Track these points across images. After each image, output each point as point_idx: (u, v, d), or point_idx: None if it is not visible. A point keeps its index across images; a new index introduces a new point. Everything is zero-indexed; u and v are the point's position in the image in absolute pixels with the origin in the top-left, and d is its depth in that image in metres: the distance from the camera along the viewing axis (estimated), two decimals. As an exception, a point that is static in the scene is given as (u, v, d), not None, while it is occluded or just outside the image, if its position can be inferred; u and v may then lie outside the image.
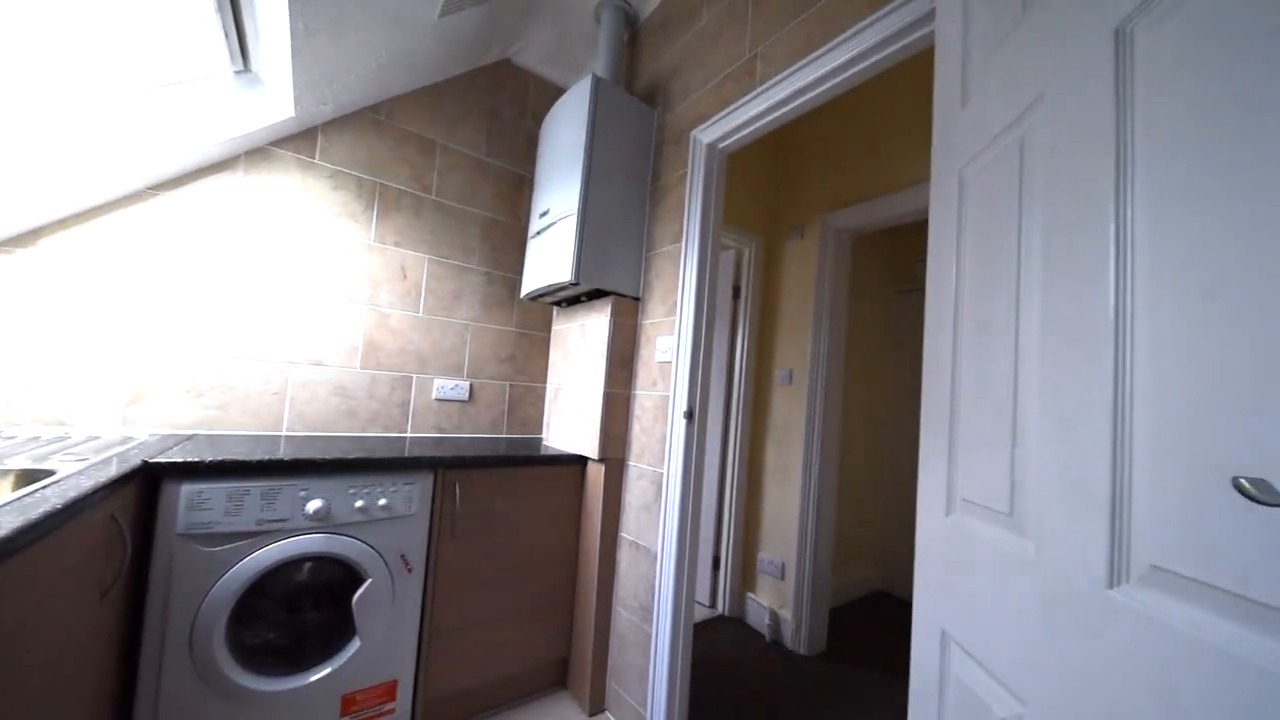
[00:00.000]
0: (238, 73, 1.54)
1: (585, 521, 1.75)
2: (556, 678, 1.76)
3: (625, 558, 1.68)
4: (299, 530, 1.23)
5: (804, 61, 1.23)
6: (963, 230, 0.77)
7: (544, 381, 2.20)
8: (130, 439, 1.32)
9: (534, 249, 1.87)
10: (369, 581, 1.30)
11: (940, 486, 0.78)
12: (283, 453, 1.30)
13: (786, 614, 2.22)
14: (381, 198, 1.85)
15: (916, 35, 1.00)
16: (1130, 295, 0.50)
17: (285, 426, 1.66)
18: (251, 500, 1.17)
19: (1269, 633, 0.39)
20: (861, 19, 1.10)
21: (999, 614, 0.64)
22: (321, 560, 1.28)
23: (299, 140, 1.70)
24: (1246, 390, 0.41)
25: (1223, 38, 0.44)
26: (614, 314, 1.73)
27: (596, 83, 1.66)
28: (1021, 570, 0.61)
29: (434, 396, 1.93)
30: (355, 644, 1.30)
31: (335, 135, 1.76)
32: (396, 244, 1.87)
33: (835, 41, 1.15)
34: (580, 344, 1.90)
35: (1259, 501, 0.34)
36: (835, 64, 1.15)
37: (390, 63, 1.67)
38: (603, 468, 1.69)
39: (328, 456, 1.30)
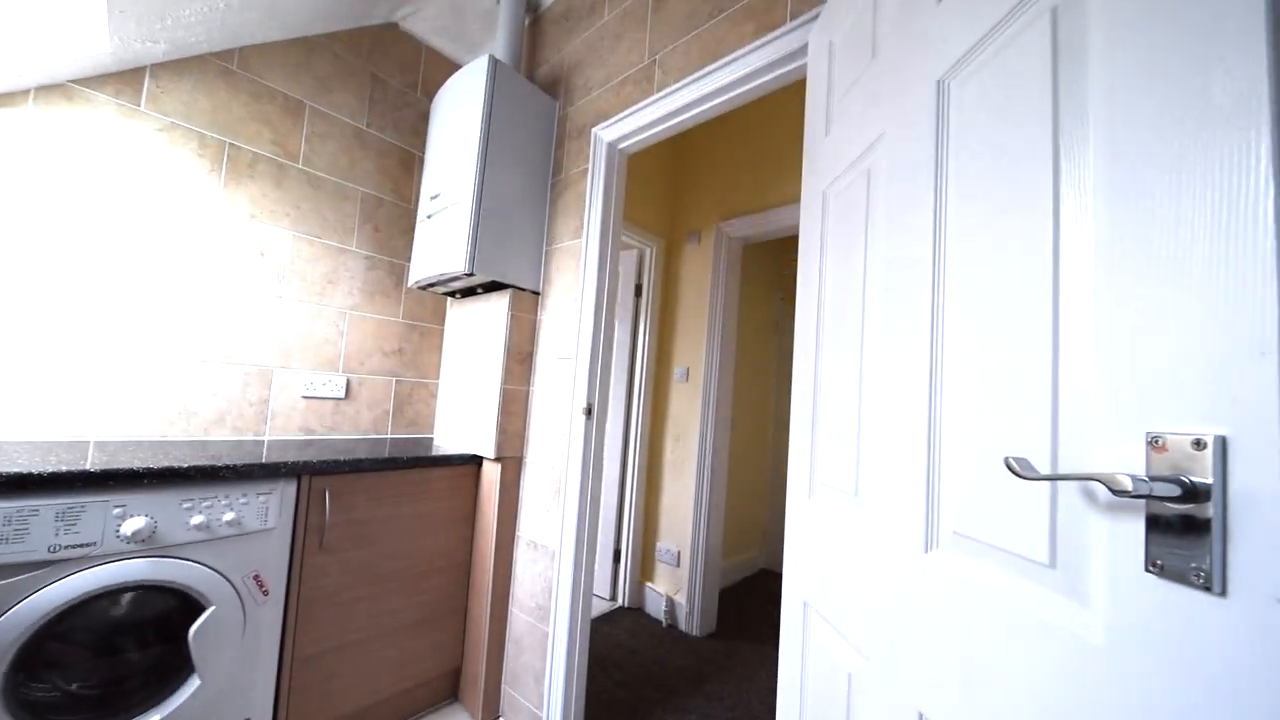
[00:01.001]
0: (22, -14, 1.22)
1: (480, 523, 1.67)
2: (448, 690, 1.67)
3: (522, 558, 1.64)
4: (112, 555, 1.02)
5: (698, 74, 1.28)
6: (825, 244, 0.86)
7: (436, 377, 2.06)
8: None
9: (424, 234, 1.74)
10: (210, 610, 1.12)
11: (804, 471, 0.87)
12: (90, 462, 1.07)
13: (681, 599, 2.33)
14: (232, 161, 1.58)
15: (794, 65, 1.09)
16: (943, 305, 0.60)
17: (94, 430, 1.36)
18: (41, 522, 0.95)
19: (1030, 579, 0.49)
20: (747, 43, 1.18)
21: (847, 583, 0.74)
22: (146, 590, 1.07)
23: (119, 82, 1.39)
24: (1012, 383, 0.51)
25: (1009, 96, 0.55)
26: (512, 308, 1.67)
27: (494, 64, 1.58)
28: (863, 542, 0.70)
29: (301, 394, 1.71)
30: (193, 683, 1.11)
31: (170, 81, 1.47)
32: (252, 217, 1.62)
33: (725, 60, 1.22)
34: (476, 338, 1.81)
35: (1021, 476, 0.43)
36: (726, 81, 1.22)
37: (242, 4, 1.44)
38: (499, 467, 1.63)
39: (152, 465, 1.09)
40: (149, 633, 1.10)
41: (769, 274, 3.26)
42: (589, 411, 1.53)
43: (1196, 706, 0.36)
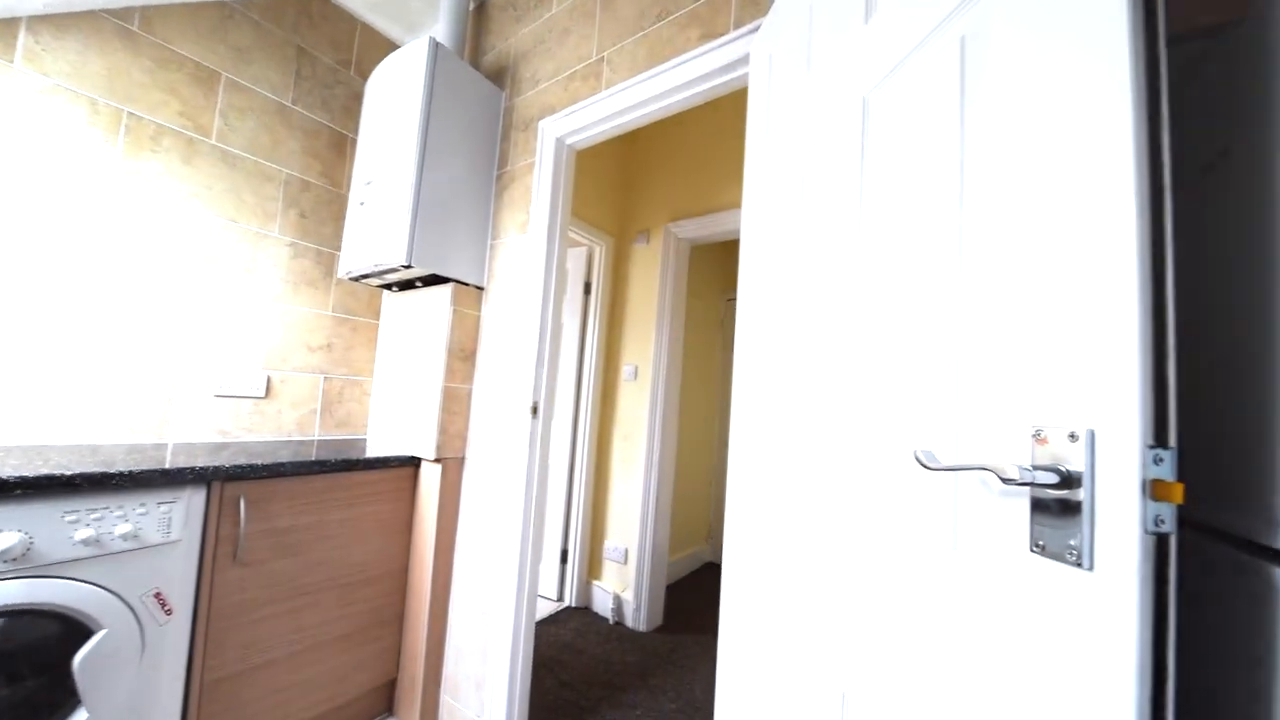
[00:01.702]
0: None
1: (418, 528, 1.60)
2: (382, 705, 1.59)
3: (463, 562, 1.58)
4: (-27, 579, 0.88)
5: (646, 75, 1.29)
6: (765, 248, 0.89)
7: (370, 374, 1.95)
8: None
9: (357, 223, 1.63)
10: (101, 634, 1.00)
11: (744, 467, 0.90)
12: (-57, 473, 0.92)
13: (629, 596, 2.35)
14: (131, 133, 1.42)
15: (737, 74, 1.12)
16: (861, 311, 0.64)
17: (-48, 436, 1.18)
18: (-125, 545, 0.81)
19: (936, 562, 0.53)
20: (693, 48, 1.20)
21: (779, 573, 0.77)
22: (18, 615, 0.94)
23: (-19, 33, 1.21)
24: (921, 380, 0.55)
25: (923, 112, 0.59)
26: (455, 303, 1.61)
27: (435, 47, 1.51)
28: (794, 533, 0.74)
29: (213, 392, 1.57)
30: (80, 717, 0.99)
31: (53, 39, 1.30)
32: (155, 195, 1.46)
33: (672, 63, 1.23)
34: (415, 333, 1.73)
35: (926, 466, 0.47)
36: (673, 84, 1.23)
37: (146, -40, 1.29)
38: (439, 468, 1.57)
39: (26, 473, 0.96)
40: (23, 664, 0.97)
41: (716, 275, 3.34)
42: (535, 410, 1.50)
43: (1071, 672, 0.41)
